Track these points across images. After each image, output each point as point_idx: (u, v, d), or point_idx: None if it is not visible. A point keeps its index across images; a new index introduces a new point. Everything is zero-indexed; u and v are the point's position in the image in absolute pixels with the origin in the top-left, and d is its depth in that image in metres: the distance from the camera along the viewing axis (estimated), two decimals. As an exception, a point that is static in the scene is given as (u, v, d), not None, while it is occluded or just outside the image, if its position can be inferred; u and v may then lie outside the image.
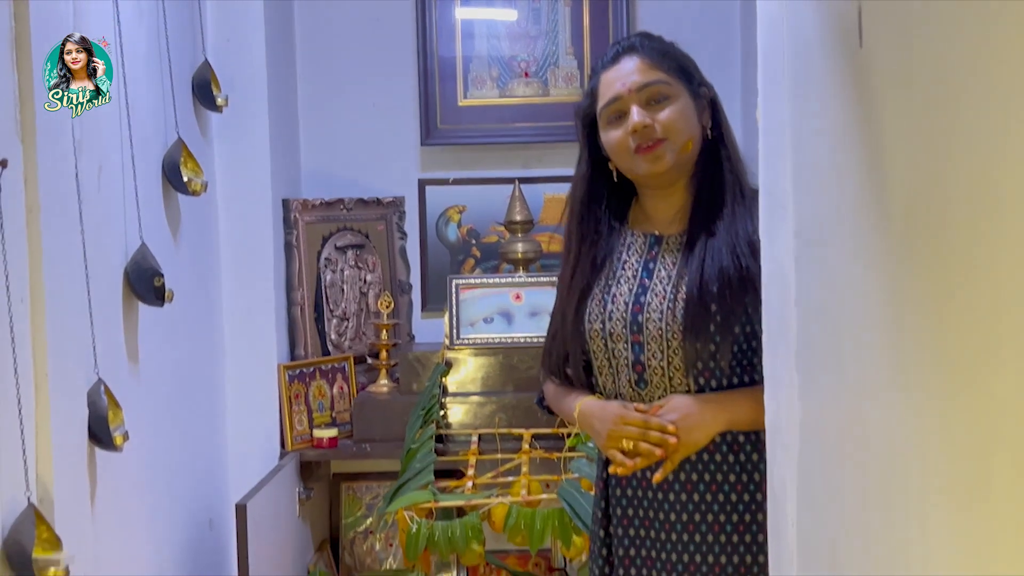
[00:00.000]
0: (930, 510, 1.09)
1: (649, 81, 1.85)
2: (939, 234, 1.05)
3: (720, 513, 1.84)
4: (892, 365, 1.18)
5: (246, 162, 2.80)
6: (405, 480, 2.64)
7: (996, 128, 0.88)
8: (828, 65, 1.36)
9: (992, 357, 0.90)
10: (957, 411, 1.01)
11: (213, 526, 2.65)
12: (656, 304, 1.84)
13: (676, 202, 1.91)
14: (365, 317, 3.18)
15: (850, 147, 1.33)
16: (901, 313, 1.16)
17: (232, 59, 2.76)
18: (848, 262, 1.35)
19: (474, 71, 3.27)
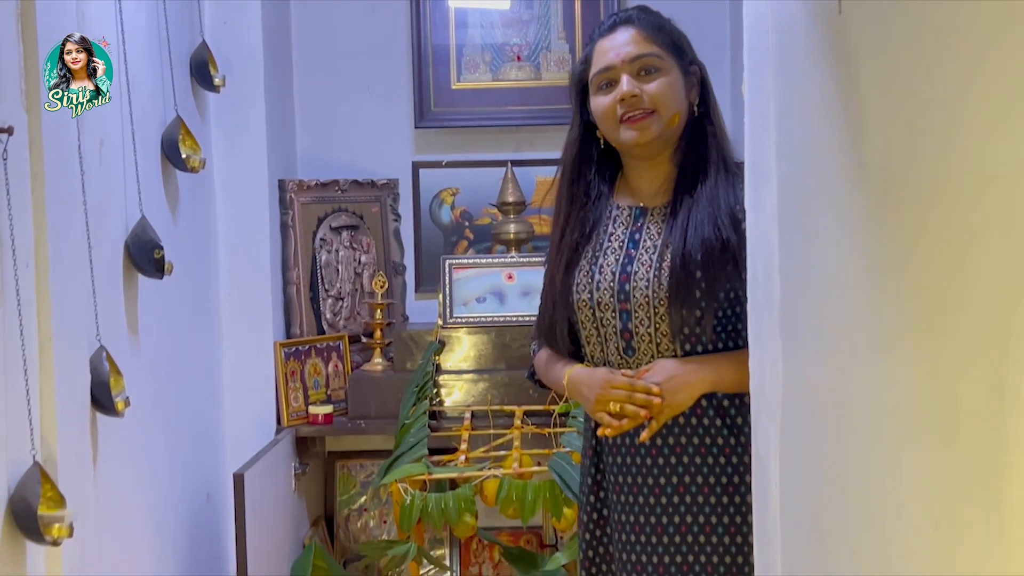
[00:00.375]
0: (903, 461, 1.14)
1: (642, 53, 1.90)
2: (913, 198, 1.09)
3: (709, 475, 1.88)
4: (870, 327, 1.23)
5: (243, 142, 2.84)
6: (399, 454, 2.68)
7: (966, 91, 0.92)
8: (810, 35, 1.40)
9: (960, 317, 0.95)
10: (929, 368, 1.05)
11: (210, 499, 2.68)
12: (643, 273, 1.89)
13: (660, 174, 1.96)
14: (359, 297, 3.22)
15: (830, 116, 1.37)
16: (878, 277, 1.20)
17: (229, 41, 2.79)
18: (829, 229, 1.39)
19: (467, 56, 3.31)
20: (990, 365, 0.87)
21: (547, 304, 2.03)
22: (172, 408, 2.40)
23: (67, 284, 1.74)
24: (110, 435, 1.95)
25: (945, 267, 1.00)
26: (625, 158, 1.99)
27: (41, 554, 1.62)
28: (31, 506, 1.53)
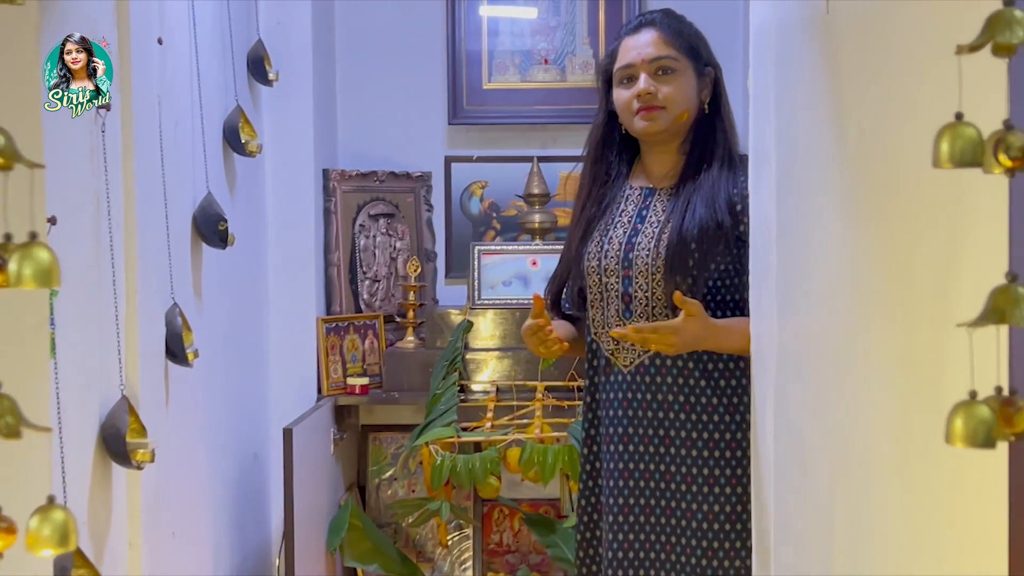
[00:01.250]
0: (873, 397, 1.34)
1: (660, 55, 2.12)
2: (890, 169, 1.29)
3: (692, 430, 2.09)
4: (851, 288, 1.43)
5: (291, 133, 3.05)
6: (431, 420, 2.88)
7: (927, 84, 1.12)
8: (803, 33, 1.59)
9: (917, 273, 1.15)
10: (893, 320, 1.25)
11: (257, 459, 2.89)
12: (645, 243, 2.11)
13: (670, 160, 2.18)
14: (394, 280, 3.43)
15: (819, 105, 1.56)
16: (858, 244, 1.40)
17: (282, 39, 3.01)
18: (819, 206, 1.59)
19: (498, 57, 3.52)
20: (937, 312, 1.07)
21: (562, 267, 2.27)
22: (227, 369, 2.61)
23: (149, 246, 1.95)
24: (177, 383, 2.16)
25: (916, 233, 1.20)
26: (641, 143, 2.22)
27: (124, 476, 1.84)
28: (120, 432, 1.74)
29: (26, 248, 0.64)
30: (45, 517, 0.66)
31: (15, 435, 0.63)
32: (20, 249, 0.64)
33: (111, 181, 1.77)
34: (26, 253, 0.64)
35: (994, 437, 0.67)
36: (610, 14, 3.49)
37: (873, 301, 1.35)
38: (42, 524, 0.65)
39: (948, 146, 0.66)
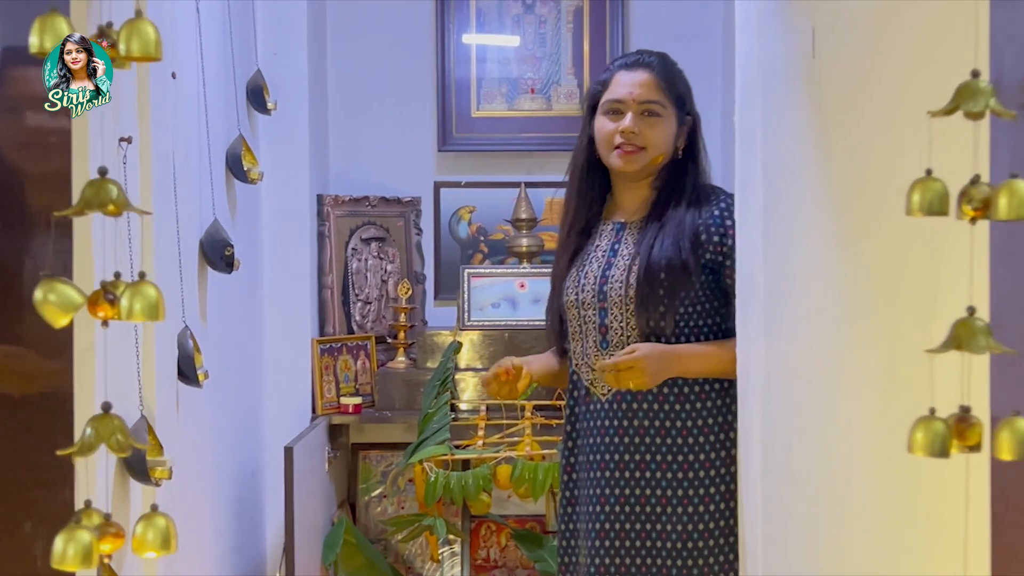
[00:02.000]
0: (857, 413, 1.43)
1: (650, 99, 2.23)
2: (868, 204, 1.39)
3: (668, 454, 2.18)
4: (836, 312, 1.53)
5: (288, 160, 3.14)
6: (424, 438, 2.96)
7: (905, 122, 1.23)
8: (789, 73, 1.70)
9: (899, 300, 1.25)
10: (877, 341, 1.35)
11: (255, 476, 2.96)
12: (617, 276, 2.22)
13: (641, 196, 2.30)
14: (385, 302, 3.52)
15: (805, 140, 1.67)
16: (841, 271, 1.51)
17: (279, 69, 3.10)
18: (803, 233, 1.69)
19: (486, 86, 3.62)
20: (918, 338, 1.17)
21: (550, 304, 2.39)
22: (228, 389, 2.69)
23: (164, 271, 2.03)
24: (186, 403, 2.23)
25: (889, 259, 1.31)
26: (613, 176, 2.33)
27: (140, 493, 1.91)
28: (140, 452, 1.81)
29: (136, 286, 0.72)
30: (149, 523, 0.74)
31: (125, 451, 0.71)
32: (131, 287, 0.72)
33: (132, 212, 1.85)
34: (136, 290, 0.72)
35: (948, 448, 0.77)
36: (594, 46, 3.61)
37: (856, 326, 1.45)
38: (146, 529, 0.74)
39: (919, 198, 0.77)
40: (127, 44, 0.74)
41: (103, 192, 0.72)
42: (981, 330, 0.76)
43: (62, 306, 0.73)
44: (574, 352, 2.30)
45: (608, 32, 3.59)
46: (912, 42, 1.21)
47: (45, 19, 0.76)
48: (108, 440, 0.74)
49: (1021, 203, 0.73)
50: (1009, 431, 0.75)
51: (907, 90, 1.26)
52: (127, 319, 0.72)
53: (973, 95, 0.73)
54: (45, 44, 0.75)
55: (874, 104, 1.38)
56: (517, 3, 3.63)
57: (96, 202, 0.72)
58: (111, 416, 0.73)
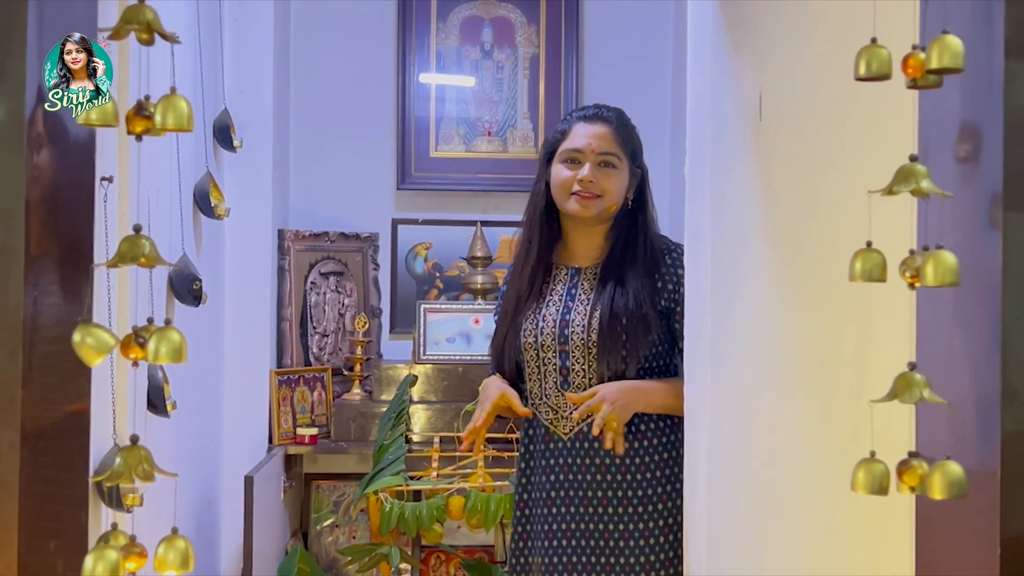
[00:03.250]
0: (798, 452, 1.54)
1: (607, 151, 2.35)
2: (810, 258, 1.50)
3: (628, 490, 2.28)
4: (778, 356, 1.63)
5: (251, 196, 3.21)
6: (379, 469, 3.03)
7: (847, 182, 1.34)
8: (738, 133, 1.82)
9: (836, 350, 1.36)
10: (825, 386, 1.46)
11: (211, 506, 3.01)
12: (578, 321, 2.32)
13: (594, 242, 2.41)
14: (342, 335, 3.59)
15: (752, 196, 1.78)
16: (784, 318, 1.61)
17: (244, 108, 3.17)
18: (749, 280, 1.80)
19: (444, 128, 3.73)
20: (853, 384, 1.28)
21: (498, 343, 2.46)
22: (189, 419, 2.74)
23: (137, 304, 2.10)
24: (152, 433, 2.29)
25: (827, 312, 1.42)
26: (566, 222, 2.42)
27: (110, 520, 1.96)
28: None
29: (162, 331, 0.81)
30: (170, 545, 0.82)
31: (150, 479, 0.79)
32: (158, 331, 0.80)
33: (110, 246, 1.92)
34: (162, 335, 0.81)
35: (887, 487, 0.87)
36: (549, 92, 3.73)
37: (798, 369, 1.56)
38: (168, 550, 0.81)
39: (860, 266, 0.87)
40: (163, 116, 0.82)
41: (136, 247, 0.80)
42: (919, 383, 0.86)
43: (97, 348, 0.81)
44: (531, 392, 2.38)
45: (563, 79, 3.72)
46: (854, 116, 1.33)
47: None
48: (135, 469, 0.81)
49: (945, 271, 0.83)
50: (941, 473, 0.84)
51: (847, 158, 1.37)
52: (153, 361, 0.80)
53: (909, 177, 0.83)
54: (91, 117, 0.84)
55: (819, 170, 1.50)
56: (476, 48, 3.75)
57: (129, 256, 0.80)
58: (138, 447, 0.81)
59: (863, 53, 0.83)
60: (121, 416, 2.01)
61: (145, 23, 0.83)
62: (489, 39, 3.75)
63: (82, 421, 1.55)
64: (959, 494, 0.83)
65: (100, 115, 0.82)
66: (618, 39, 3.78)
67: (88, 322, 0.82)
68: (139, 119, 0.85)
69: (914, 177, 0.83)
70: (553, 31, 3.71)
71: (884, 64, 0.83)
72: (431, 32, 3.71)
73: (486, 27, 3.75)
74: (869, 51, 0.83)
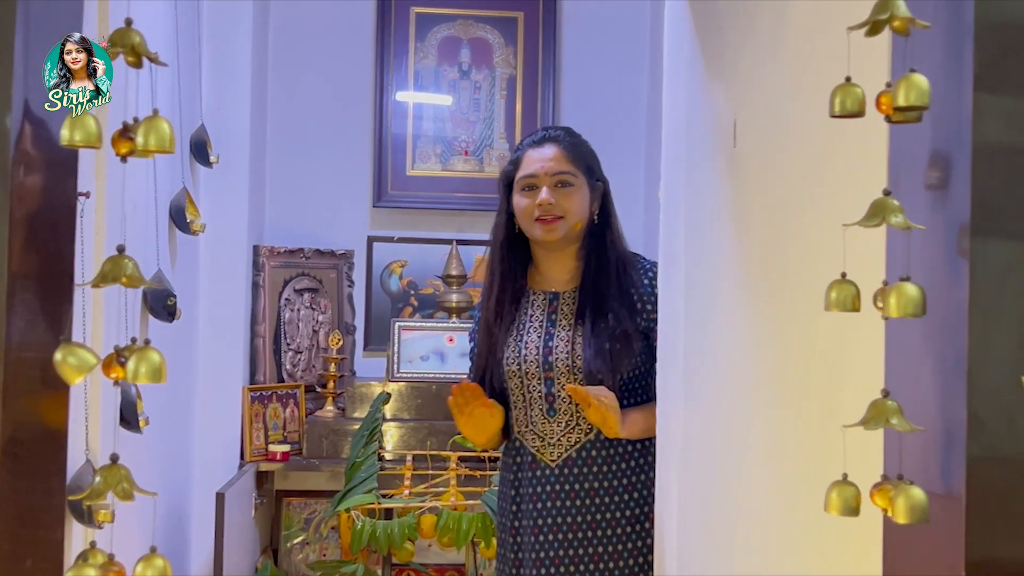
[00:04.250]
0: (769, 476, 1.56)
1: (561, 171, 2.35)
2: (782, 283, 1.53)
3: (615, 511, 2.29)
4: (750, 380, 1.65)
5: (227, 212, 3.21)
6: (351, 487, 3.03)
7: (818, 209, 1.36)
8: (713, 159, 1.84)
9: (808, 374, 1.38)
10: (796, 410, 1.48)
11: (182, 521, 2.99)
12: (562, 347, 2.32)
13: (568, 265, 2.40)
14: (316, 352, 3.59)
15: (726, 220, 1.80)
16: (757, 343, 1.63)
17: (221, 124, 3.17)
18: (722, 304, 1.82)
19: (421, 147, 3.75)
20: (824, 408, 1.30)
21: (476, 369, 2.44)
22: (161, 435, 2.73)
23: (111, 318, 2.09)
24: (124, 449, 2.27)
25: (799, 336, 1.44)
26: (536, 248, 2.42)
27: (81, 534, 1.95)
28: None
29: (142, 351, 0.81)
30: (148, 563, 0.82)
31: (129, 498, 0.79)
32: (138, 351, 0.81)
33: (86, 262, 1.91)
34: (142, 355, 0.81)
35: (857, 507, 0.89)
36: (526, 112, 3.76)
37: (771, 393, 1.58)
38: (146, 569, 0.82)
39: (835, 296, 0.89)
40: (145, 138, 0.83)
41: (119, 267, 0.81)
42: (892, 410, 0.88)
43: (79, 367, 0.81)
44: (516, 420, 2.38)
45: (540, 100, 3.74)
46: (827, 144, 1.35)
47: (76, 117, 0.85)
48: (115, 488, 0.82)
49: (907, 303, 0.85)
50: (904, 497, 0.86)
51: (821, 185, 1.40)
52: (133, 381, 0.80)
53: (882, 211, 0.85)
54: (75, 138, 0.84)
55: (789, 195, 1.52)
56: (454, 68, 3.77)
57: (111, 276, 0.81)
58: (119, 466, 0.81)
59: (837, 92, 0.85)
60: (94, 432, 2.00)
61: (131, 46, 0.83)
62: (467, 59, 3.77)
63: (60, 439, 1.55)
64: (922, 518, 0.85)
65: (84, 137, 0.82)
66: (595, 60, 3.81)
67: (70, 341, 0.82)
68: (124, 141, 0.85)
69: (887, 211, 0.85)
70: (531, 53, 3.74)
71: (858, 102, 0.85)
72: (409, 52, 3.73)
73: (464, 47, 3.77)
74: (843, 90, 0.85)
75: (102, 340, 2.04)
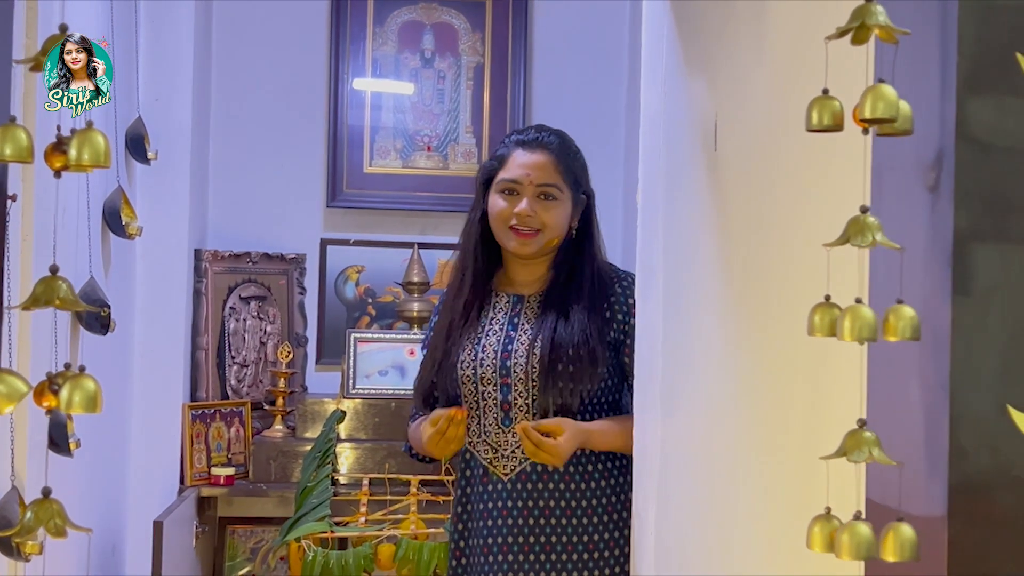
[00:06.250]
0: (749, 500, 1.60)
1: (547, 182, 2.38)
2: (764, 295, 1.57)
3: (572, 535, 2.32)
4: (730, 397, 1.70)
5: (166, 212, 3.23)
6: (302, 514, 3.05)
7: (799, 215, 1.41)
8: (693, 162, 1.89)
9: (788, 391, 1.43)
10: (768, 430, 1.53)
11: (115, 552, 3.01)
12: (522, 351, 2.35)
13: (537, 272, 2.44)
14: (263, 366, 3.61)
15: (706, 229, 1.85)
16: (737, 357, 1.68)
17: (159, 116, 3.19)
18: (701, 321, 1.87)
19: (380, 142, 3.78)
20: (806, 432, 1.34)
21: (427, 370, 2.45)
22: (93, 458, 2.74)
23: (39, 335, 2.11)
24: (54, 473, 2.29)
25: (780, 355, 1.49)
26: (506, 252, 2.45)
27: (5, 567, 1.97)
28: (11, 522, 1.88)
29: (76, 379, 0.84)
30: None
31: (62, 535, 0.82)
32: (72, 379, 0.84)
33: (11, 272, 1.94)
34: (76, 383, 0.84)
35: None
36: (494, 104, 3.80)
37: (751, 412, 1.63)
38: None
39: (819, 319, 0.94)
40: (79, 152, 0.87)
41: (52, 289, 0.84)
42: (869, 441, 0.92)
43: (9, 395, 0.84)
44: (468, 429, 2.41)
45: (509, 92, 3.79)
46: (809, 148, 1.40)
47: (7, 129, 0.88)
48: (47, 524, 0.85)
49: (906, 326, 0.90)
50: (894, 535, 0.90)
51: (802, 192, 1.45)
52: (66, 410, 0.83)
53: (861, 230, 0.90)
54: (5, 151, 0.87)
55: (775, 203, 1.57)
56: (415, 55, 3.81)
57: (44, 299, 0.84)
58: (50, 501, 0.84)
59: (815, 105, 0.90)
60: (20, 456, 2.02)
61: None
62: (430, 46, 3.81)
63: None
64: (912, 556, 0.89)
65: (14, 150, 0.85)
66: (570, 49, 3.86)
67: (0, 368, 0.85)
68: (57, 155, 0.88)
69: (866, 230, 0.89)
70: (500, 39, 3.78)
71: (836, 116, 0.89)
72: (367, 37, 3.76)
73: (427, 33, 3.81)
74: (820, 103, 0.89)
75: (30, 357, 2.06)
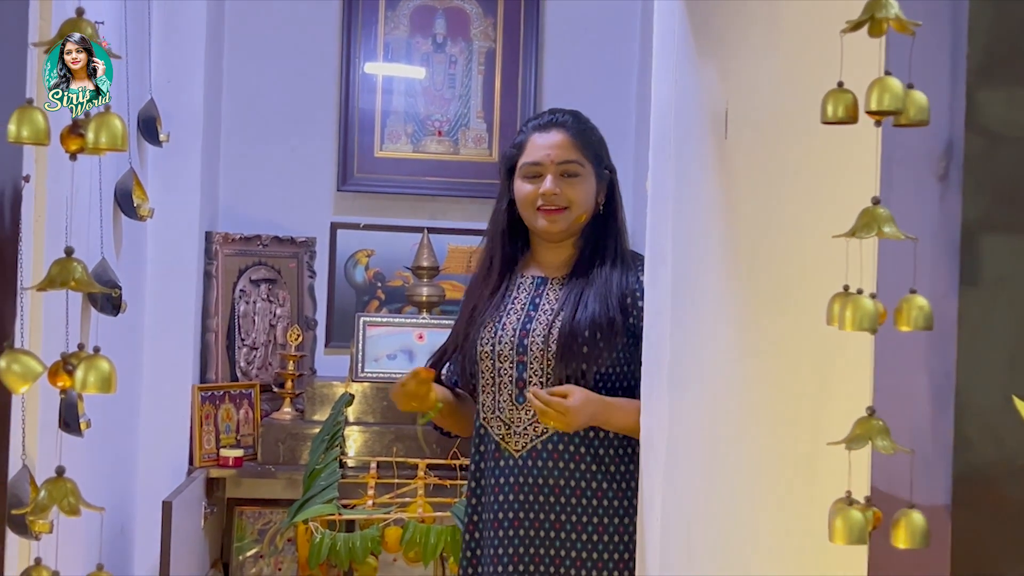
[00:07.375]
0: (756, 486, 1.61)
1: (567, 159, 2.42)
2: (773, 281, 1.58)
3: (584, 515, 2.34)
4: (739, 384, 1.71)
5: (178, 194, 3.25)
6: (310, 496, 3.07)
7: (809, 204, 1.42)
8: (703, 150, 1.89)
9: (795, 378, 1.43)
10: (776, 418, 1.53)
11: (124, 532, 3.03)
12: (540, 330, 2.38)
13: (563, 253, 2.48)
14: (273, 348, 3.63)
15: (715, 213, 1.86)
16: (746, 343, 1.69)
17: (171, 99, 3.20)
18: (709, 303, 1.87)
19: (391, 126, 3.79)
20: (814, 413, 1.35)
21: (450, 343, 2.51)
22: (103, 438, 2.76)
23: (51, 314, 2.13)
24: (64, 453, 2.31)
25: (791, 339, 1.49)
26: (534, 237, 2.49)
27: (16, 548, 1.99)
28: (22, 501, 1.89)
29: (91, 359, 0.86)
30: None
31: (75, 513, 0.84)
32: (87, 359, 0.85)
33: (24, 251, 1.95)
34: (91, 364, 0.85)
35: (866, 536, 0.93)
36: (506, 90, 3.80)
37: (760, 399, 1.64)
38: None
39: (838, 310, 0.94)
40: (96, 135, 0.87)
41: (67, 271, 0.85)
42: (878, 429, 0.93)
43: (23, 375, 0.86)
44: (483, 405, 2.43)
45: (520, 77, 3.79)
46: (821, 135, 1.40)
47: (23, 112, 0.89)
48: (60, 502, 0.86)
49: (919, 316, 0.90)
50: (906, 522, 0.90)
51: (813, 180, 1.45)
52: (81, 391, 0.85)
53: (872, 222, 0.90)
54: (23, 133, 0.88)
55: (784, 190, 1.57)
56: (427, 40, 3.81)
57: (59, 280, 0.85)
58: (64, 479, 0.86)
59: (829, 97, 0.90)
60: (31, 435, 2.04)
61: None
62: (442, 31, 3.81)
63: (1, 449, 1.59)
64: (923, 544, 0.89)
65: (31, 132, 0.86)
66: (581, 34, 3.86)
67: (14, 348, 0.87)
68: (73, 138, 0.89)
69: (876, 222, 0.90)
70: (511, 25, 3.79)
71: (850, 108, 0.89)
72: (379, 21, 3.77)
73: (439, 17, 3.81)
74: (835, 95, 0.90)
75: (41, 337, 2.08)
